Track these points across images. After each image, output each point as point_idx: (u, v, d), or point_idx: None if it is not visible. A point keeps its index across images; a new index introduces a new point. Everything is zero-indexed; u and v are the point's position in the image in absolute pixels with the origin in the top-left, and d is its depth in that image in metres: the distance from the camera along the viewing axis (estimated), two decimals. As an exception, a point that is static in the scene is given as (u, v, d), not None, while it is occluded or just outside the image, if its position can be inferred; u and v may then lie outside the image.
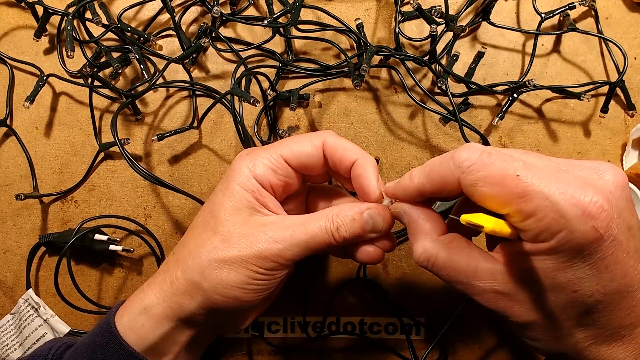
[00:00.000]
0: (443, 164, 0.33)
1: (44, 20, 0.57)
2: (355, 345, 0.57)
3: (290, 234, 0.38)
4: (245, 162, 0.41)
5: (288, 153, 0.41)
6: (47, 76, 0.56)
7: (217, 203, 0.40)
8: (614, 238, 0.29)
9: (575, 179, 0.30)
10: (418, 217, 0.38)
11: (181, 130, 0.57)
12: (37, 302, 0.56)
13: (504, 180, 0.30)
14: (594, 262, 0.29)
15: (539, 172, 0.30)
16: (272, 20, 0.54)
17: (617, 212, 0.29)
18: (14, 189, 0.58)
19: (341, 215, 0.39)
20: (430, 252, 0.35)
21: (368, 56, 0.52)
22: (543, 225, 0.29)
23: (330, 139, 0.41)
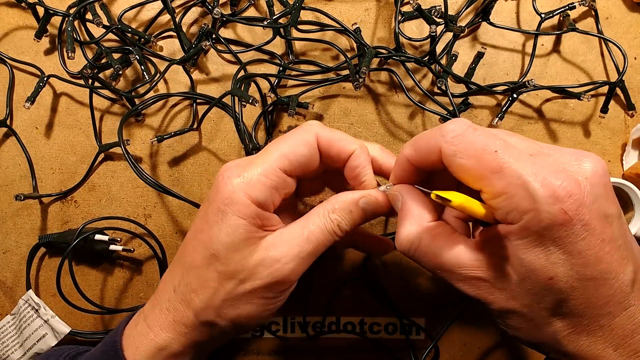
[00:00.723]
0: (430, 133, 0.34)
1: (45, 21, 0.57)
2: (355, 345, 0.57)
3: (297, 251, 0.37)
4: (238, 185, 0.36)
5: (284, 162, 0.37)
6: (47, 77, 0.56)
7: (216, 239, 0.37)
8: (586, 223, 0.29)
9: (553, 163, 0.31)
10: (411, 202, 0.37)
11: (181, 132, 0.57)
12: (37, 303, 0.56)
13: (482, 155, 0.31)
14: (566, 247, 0.29)
15: (517, 153, 0.30)
16: (272, 21, 0.54)
17: (592, 198, 0.29)
18: (13, 189, 0.58)
19: (337, 210, 0.38)
20: (413, 237, 0.35)
21: (367, 58, 0.52)
22: (513, 204, 0.30)
23: (322, 132, 0.39)
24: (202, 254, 0.37)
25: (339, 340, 0.57)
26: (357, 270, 0.57)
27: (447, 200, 0.31)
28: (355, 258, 0.57)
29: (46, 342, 0.56)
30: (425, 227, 0.35)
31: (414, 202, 0.37)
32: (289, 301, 0.38)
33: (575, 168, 0.31)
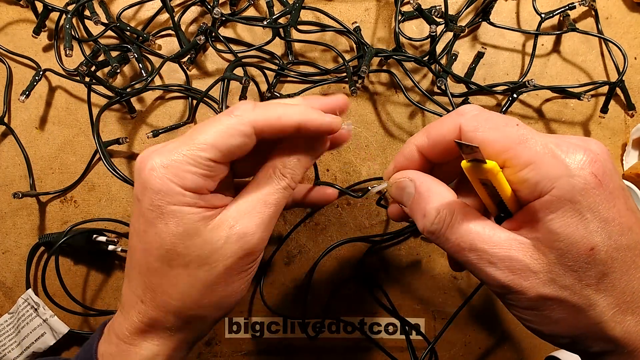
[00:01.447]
0: (445, 118, 0.34)
1: (44, 17, 0.57)
2: (355, 345, 0.57)
3: (260, 219, 0.35)
4: (165, 176, 0.33)
5: (213, 152, 0.34)
6: (43, 71, 0.56)
7: (164, 234, 0.34)
8: (613, 190, 0.29)
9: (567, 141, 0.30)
10: (430, 182, 0.35)
11: (176, 127, 0.57)
12: (36, 302, 0.56)
13: (504, 127, 0.30)
14: (601, 213, 0.28)
15: (534, 130, 0.31)
16: (272, 21, 0.54)
17: (609, 169, 0.29)
18: (13, 189, 0.58)
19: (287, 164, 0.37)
20: (447, 211, 0.33)
21: (367, 58, 0.52)
22: (542, 172, 0.29)
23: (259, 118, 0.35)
24: (156, 254, 0.35)
25: (339, 340, 0.57)
26: (357, 270, 0.57)
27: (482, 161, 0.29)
28: (356, 258, 0.57)
29: (44, 341, 0.56)
30: (457, 201, 0.33)
31: (432, 182, 0.35)
32: (289, 301, 0.38)
33: (584, 144, 0.30)
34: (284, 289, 0.57)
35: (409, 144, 0.36)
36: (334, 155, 0.57)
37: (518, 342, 0.56)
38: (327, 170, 0.57)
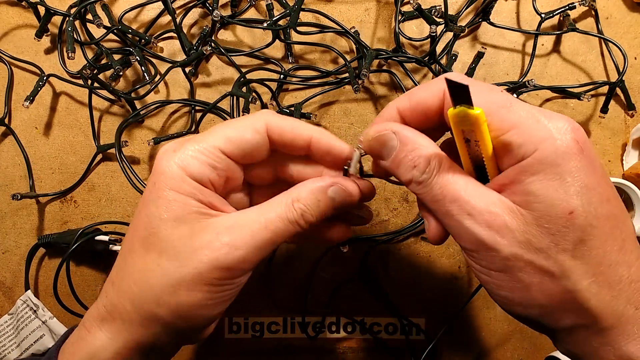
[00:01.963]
0: (430, 82, 0.34)
1: (46, 21, 0.57)
2: (355, 345, 0.57)
3: (250, 236, 0.33)
4: (172, 159, 0.34)
5: (225, 143, 0.35)
6: (47, 76, 0.56)
7: (153, 217, 0.34)
8: (593, 159, 0.29)
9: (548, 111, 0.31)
10: (414, 133, 0.34)
11: (178, 135, 0.56)
12: (36, 304, 0.56)
13: (490, 92, 0.31)
14: (582, 179, 0.28)
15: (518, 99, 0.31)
16: (272, 23, 0.54)
17: (588, 141, 0.30)
18: (13, 189, 0.58)
19: (302, 199, 0.35)
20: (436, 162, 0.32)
21: (368, 60, 0.52)
22: (526, 135, 0.29)
23: (273, 120, 0.36)
24: (140, 235, 0.34)
25: (339, 340, 0.57)
26: (357, 270, 0.57)
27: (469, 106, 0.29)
28: (355, 258, 0.57)
29: (44, 343, 0.56)
30: (442, 153, 0.33)
31: (417, 134, 0.34)
32: (289, 301, 0.37)
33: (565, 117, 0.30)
34: (284, 289, 0.57)
35: (389, 107, 0.35)
36: (334, 155, 0.57)
37: (518, 342, 0.56)
38: (327, 170, 0.57)
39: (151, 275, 0.33)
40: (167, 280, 0.33)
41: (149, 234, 0.34)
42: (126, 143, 0.57)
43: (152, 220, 0.34)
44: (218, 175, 0.35)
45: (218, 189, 0.36)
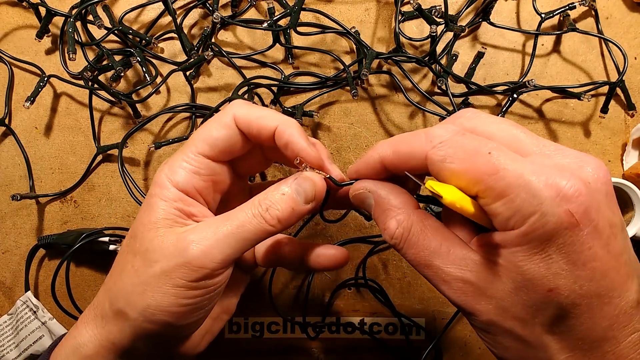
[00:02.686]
0: (414, 137, 0.31)
1: (47, 21, 0.57)
2: (355, 345, 0.57)
3: (213, 231, 0.33)
4: (163, 171, 0.36)
5: (202, 146, 0.35)
6: (48, 77, 0.56)
7: (137, 222, 0.36)
8: (592, 230, 0.26)
9: (554, 165, 0.28)
10: (388, 194, 0.34)
11: (179, 140, 0.56)
12: (35, 305, 0.56)
13: (474, 157, 0.28)
14: (570, 255, 0.26)
15: (512, 155, 0.28)
16: (272, 23, 0.54)
17: (596, 204, 0.26)
18: (12, 189, 0.58)
19: (269, 195, 0.35)
20: (405, 226, 0.32)
21: (368, 61, 0.52)
22: (514, 207, 0.26)
23: (240, 111, 0.36)
24: (127, 238, 0.37)
25: (339, 340, 0.57)
26: (357, 270, 0.57)
27: (439, 196, 0.28)
28: (355, 258, 0.57)
29: (43, 344, 0.56)
30: (415, 216, 0.32)
31: (391, 191, 0.34)
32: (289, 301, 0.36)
33: (578, 172, 0.27)
34: (284, 289, 0.57)
35: (374, 153, 0.34)
36: (334, 156, 0.57)
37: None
38: (327, 170, 0.57)
39: (125, 275, 0.35)
40: (138, 279, 0.34)
41: (130, 237, 0.36)
42: (126, 145, 0.57)
43: (136, 225, 0.35)
44: (203, 180, 0.36)
45: (207, 197, 0.37)
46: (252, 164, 0.40)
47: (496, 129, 0.30)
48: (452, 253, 0.31)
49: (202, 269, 0.33)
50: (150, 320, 0.34)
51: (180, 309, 0.34)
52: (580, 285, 0.27)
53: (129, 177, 0.54)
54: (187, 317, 0.35)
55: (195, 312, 0.35)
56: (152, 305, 0.33)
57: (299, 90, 0.58)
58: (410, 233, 0.32)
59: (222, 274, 0.35)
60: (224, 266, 0.34)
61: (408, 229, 0.32)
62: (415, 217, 0.32)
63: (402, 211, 0.33)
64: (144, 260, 0.34)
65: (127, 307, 0.34)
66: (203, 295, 0.34)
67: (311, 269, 0.41)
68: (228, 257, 0.34)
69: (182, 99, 0.59)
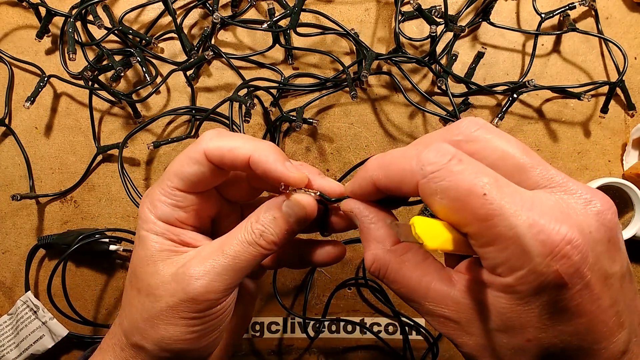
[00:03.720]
0: (405, 160, 0.28)
1: (47, 21, 0.57)
2: (355, 345, 0.57)
3: (211, 265, 0.33)
4: (145, 205, 0.36)
5: (177, 181, 0.35)
6: (48, 77, 0.56)
7: (134, 258, 0.36)
8: (583, 287, 0.25)
9: (555, 205, 0.26)
10: (370, 222, 0.33)
11: (178, 139, 0.56)
12: (36, 305, 0.56)
13: (468, 197, 0.25)
14: (555, 313, 0.25)
15: (510, 194, 0.25)
16: (272, 24, 0.54)
17: (595, 256, 0.25)
18: (13, 189, 0.58)
19: (260, 220, 0.34)
20: (381, 263, 0.31)
21: (368, 62, 0.52)
22: (503, 258, 0.25)
23: (210, 144, 0.34)
24: (129, 273, 0.37)
25: (339, 340, 0.57)
26: (357, 270, 0.57)
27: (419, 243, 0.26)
28: (355, 258, 0.57)
29: (43, 343, 0.55)
30: (392, 251, 0.31)
31: (374, 219, 0.33)
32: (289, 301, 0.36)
33: (582, 215, 0.26)
34: (284, 289, 0.57)
35: (365, 175, 0.32)
36: (334, 155, 0.57)
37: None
38: (327, 170, 0.57)
39: (134, 310, 0.35)
40: (148, 315, 0.34)
41: (131, 272, 0.36)
42: (126, 145, 0.57)
43: (134, 260, 0.36)
44: (185, 211, 0.36)
45: (192, 221, 0.37)
46: (240, 193, 0.40)
47: (500, 155, 0.28)
48: (431, 290, 0.30)
49: (207, 302, 0.33)
50: (166, 349, 0.35)
51: (193, 335, 0.34)
52: (562, 340, 0.26)
53: (128, 178, 0.54)
54: (202, 340, 0.35)
55: (208, 334, 0.35)
56: (165, 336, 0.34)
57: (299, 92, 0.58)
58: (387, 270, 0.31)
59: (227, 298, 0.35)
60: (228, 294, 0.34)
61: (385, 265, 0.31)
62: (393, 255, 0.31)
63: (379, 247, 0.32)
64: (148, 296, 0.34)
65: (143, 340, 0.35)
66: (212, 320, 0.35)
67: (310, 265, 0.40)
68: (230, 286, 0.34)
69: (182, 99, 0.59)
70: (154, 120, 0.56)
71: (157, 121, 0.58)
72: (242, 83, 0.55)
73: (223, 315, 0.35)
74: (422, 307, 0.30)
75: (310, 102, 0.57)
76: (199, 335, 0.35)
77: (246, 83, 0.55)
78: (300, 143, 0.58)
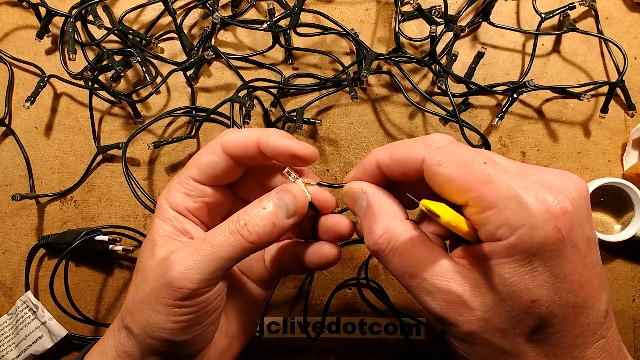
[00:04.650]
0: (411, 141, 0.32)
1: (47, 22, 0.57)
2: (355, 345, 0.57)
3: (190, 252, 0.33)
4: (163, 195, 0.38)
5: (193, 171, 0.36)
6: (48, 77, 0.56)
7: (145, 240, 0.37)
8: (575, 244, 0.27)
9: (540, 180, 0.29)
10: (381, 198, 0.34)
11: (178, 140, 0.56)
12: (35, 305, 0.56)
13: (470, 165, 0.29)
14: (553, 268, 0.27)
15: (504, 168, 0.29)
16: (272, 24, 0.54)
17: (579, 220, 0.28)
18: (13, 189, 0.58)
19: (248, 210, 0.34)
20: (393, 233, 0.32)
21: (368, 62, 0.52)
22: (504, 218, 0.27)
23: (226, 138, 0.36)
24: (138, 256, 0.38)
25: (339, 340, 0.57)
26: (357, 270, 0.57)
27: (435, 215, 0.29)
28: (356, 258, 0.57)
29: (42, 344, 0.55)
30: (406, 225, 0.32)
31: (385, 199, 0.34)
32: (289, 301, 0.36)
33: (563, 188, 0.29)
34: (284, 289, 0.57)
35: (371, 156, 0.34)
36: (334, 155, 0.57)
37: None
38: (327, 170, 0.57)
39: (131, 292, 0.36)
40: (137, 297, 0.35)
41: (139, 256, 0.37)
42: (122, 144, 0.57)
43: (144, 243, 0.37)
44: (194, 201, 0.37)
45: (200, 215, 0.38)
46: (251, 192, 0.40)
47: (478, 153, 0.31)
48: (438, 265, 0.31)
49: (183, 289, 0.33)
50: (150, 336, 0.34)
51: (174, 326, 0.34)
52: (560, 296, 0.28)
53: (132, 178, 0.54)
54: (184, 333, 0.35)
55: (191, 328, 0.35)
56: (149, 322, 0.34)
57: (299, 92, 0.58)
58: (398, 242, 0.32)
59: (208, 292, 0.34)
60: (205, 285, 0.34)
61: (396, 237, 0.32)
62: (405, 227, 0.32)
63: (393, 217, 0.33)
64: (142, 279, 0.35)
65: (132, 323, 0.35)
66: (194, 313, 0.34)
67: (309, 269, 0.40)
68: (207, 277, 0.33)
69: (182, 99, 0.59)
70: (155, 121, 0.56)
71: (157, 122, 0.58)
72: (242, 84, 0.55)
73: (207, 309, 0.35)
74: (425, 283, 0.31)
75: (311, 103, 0.57)
76: (182, 327, 0.34)
77: (246, 84, 0.55)
78: (300, 143, 0.58)
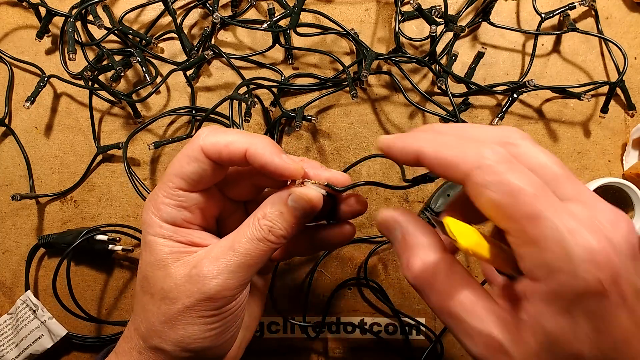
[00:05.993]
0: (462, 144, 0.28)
1: (47, 21, 0.57)
2: (355, 345, 0.57)
3: (224, 264, 0.34)
4: (149, 210, 0.36)
5: (178, 181, 0.35)
6: (48, 77, 0.56)
7: (143, 263, 0.37)
8: (619, 297, 0.25)
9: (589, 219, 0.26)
10: (416, 230, 0.31)
11: (178, 139, 0.56)
12: (35, 304, 0.56)
13: (518, 194, 0.26)
14: (596, 323, 0.25)
15: (554, 200, 0.26)
16: (272, 24, 0.54)
17: (625, 271, 0.25)
18: (13, 189, 0.58)
19: (267, 215, 0.35)
20: (430, 269, 0.30)
21: (368, 62, 0.52)
22: (544, 258, 0.25)
23: (206, 140, 0.34)
24: (139, 278, 0.37)
25: (339, 340, 0.57)
26: (357, 270, 0.56)
27: (453, 240, 0.27)
28: (356, 258, 0.57)
29: (42, 343, 0.55)
30: (444, 260, 0.30)
31: (420, 230, 0.31)
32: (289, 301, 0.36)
33: (612, 232, 0.26)
34: (284, 289, 0.57)
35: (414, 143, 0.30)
36: (334, 155, 0.57)
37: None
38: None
39: (150, 314, 0.36)
40: (165, 317, 0.35)
41: (142, 278, 0.37)
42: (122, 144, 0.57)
43: (143, 265, 0.36)
44: (189, 211, 0.36)
45: (198, 221, 0.37)
46: (242, 191, 0.40)
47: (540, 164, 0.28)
48: (477, 305, 0.29)
49: (223, 299, 0.34)
50: (186, 349, 0.35)
51: (212, 333, 0.35)
52: (605, 354, 0.26)
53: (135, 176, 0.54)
54: (220, 337, 0.36)
55: (226, 331, 0.37)
56: (185, 336, 0.35)
57: (299, 92, 0.58)
58: (435, 278, 0.30)
59: (241, 294, 0.36)
60: (242, 290, 0.35)
61: (433, 272, 0.30)
62: (444, 261, 0.30)
63: (430, 250, 0.31)
64: (163, 300, 0.35)
65: (163, 342, 0.35)
66: (229, 317, 0.36)
67: (323, 248, 0.41)
68: (243, 282, 0.35)
69: (182, 98, 0.59)
70: (154, 120, 0.56)
71: (157, 121, 0.58)
72: (243, 81, 0.55)
73: (238, 311, 0.36)
74: (464, 324, 0.29)
75: (310, 102, 0.57)
76: (218, 333, 0.36)
77: (246, 81, 0.55)
78: (300, 143, 0.58)
